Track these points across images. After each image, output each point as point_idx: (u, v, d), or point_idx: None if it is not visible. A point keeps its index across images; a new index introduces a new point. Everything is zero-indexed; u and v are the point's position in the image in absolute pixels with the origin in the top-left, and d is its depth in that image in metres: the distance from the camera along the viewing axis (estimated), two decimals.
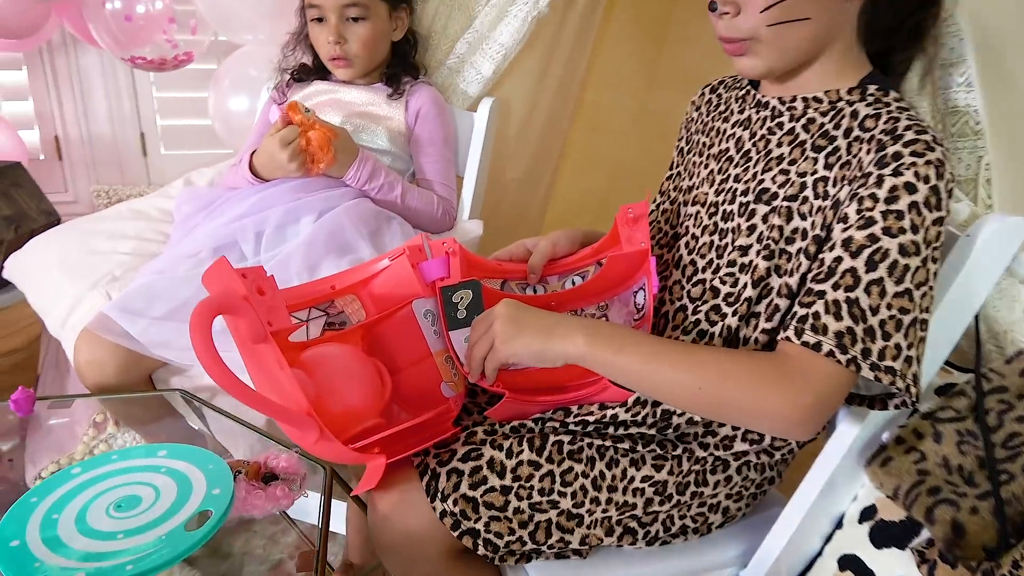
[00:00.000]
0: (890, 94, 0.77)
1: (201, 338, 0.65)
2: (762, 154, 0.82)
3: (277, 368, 0.71)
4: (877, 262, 0.68)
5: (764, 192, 0.80)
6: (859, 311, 0.68)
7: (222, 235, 1.18)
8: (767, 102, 0.84)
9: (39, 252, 1.25)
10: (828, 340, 0.68)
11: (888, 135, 0.72)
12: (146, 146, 2.17)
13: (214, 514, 0.72)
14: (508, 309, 0.78)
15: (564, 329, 0.75)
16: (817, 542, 0.85)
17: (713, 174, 0.88)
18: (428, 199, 1.31)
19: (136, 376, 1.08)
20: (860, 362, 0.67)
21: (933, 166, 0.69)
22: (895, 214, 0.68)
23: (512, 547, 0.77)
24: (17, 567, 0.66)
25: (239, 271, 0.72)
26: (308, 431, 0.70)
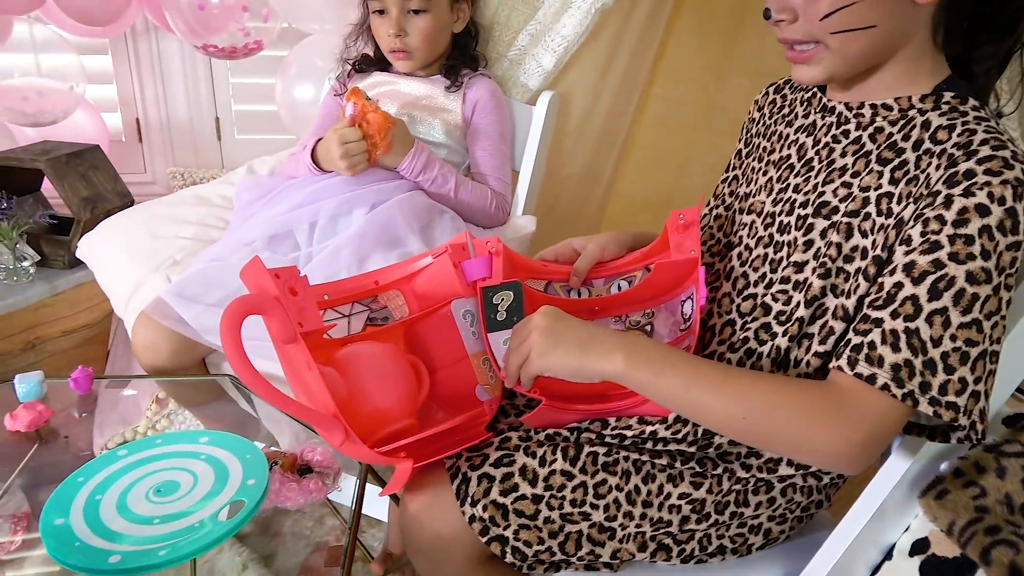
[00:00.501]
0: (968, 101, 0.71)
1: (230, 338, 0.66)
2: (824, 163, 0.78)
3: (305, 368, 0.71)
4: (942, 290, 0.63)
5: (824, 206, 0.75)
6: (919, 342, 0.63)
7: (277, 224, 1.20)
8: (833, 107, 0.79)
9: (108, 234, 1.31)
10: (883, 373, 0.63)
11: (961, 150, 0.66)
12: (220, 131, 2.24)
13: (246, 505, 0.73)
14: (547, 320, 0.74)
15: (603, 346, 0.71)
16: (863, 572, 0.80)
17: (772, 182, 0.83)
18: (482, 193, 1.30)
19: (190, 360, 1.11)
20: (918, 396, 0.63)
21: (1011, 186, 0.63)
22: (964, 238, 0.63)
23: (541, 556, 0.76)
24: (59, 544, 0.69)
25: (272, 271, 0.73)
26: (334, 433, 0.70)
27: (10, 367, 1.47)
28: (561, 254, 0.94)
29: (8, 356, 1.46)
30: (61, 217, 1.62)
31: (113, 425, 1.49)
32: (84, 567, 0.66)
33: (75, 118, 1.87)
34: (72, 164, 1.56)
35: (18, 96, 1.72)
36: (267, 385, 0.66)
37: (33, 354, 1.50)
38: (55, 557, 0.67)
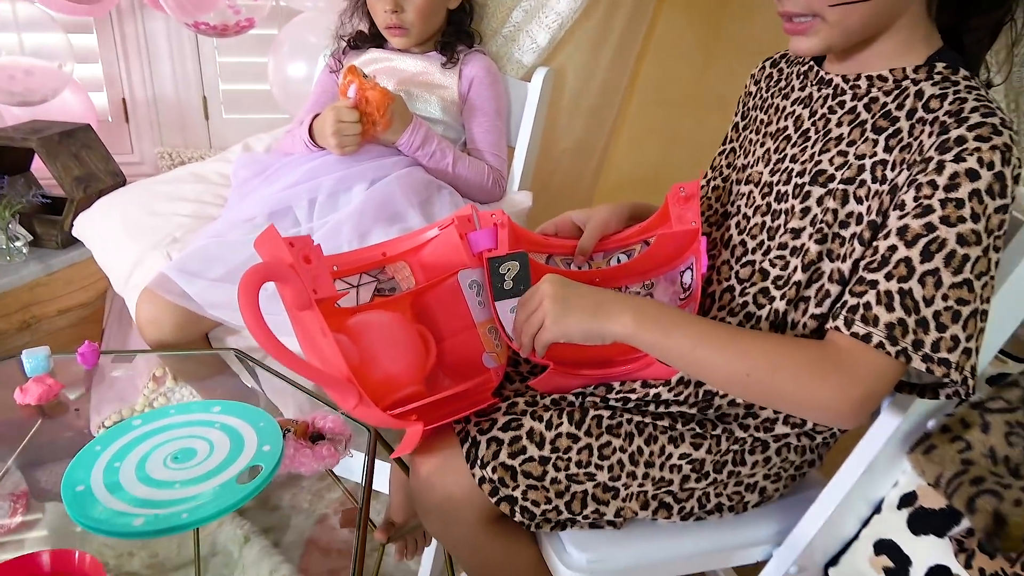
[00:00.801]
0: (959, 71, 0.73)
1: (248, 304, 0.68)
2: (821, 134, 0.80)
3: (320, 335, 0.73)
4: (933, 252, 0.66)
5: (820, 174, 0.78)
6: (912, 302, 0.66)
7: (277, 201, 1.21)
8: (830, 79, 0.81)
9: (105, 212, 1.31)
10: (878, 332, 0.67)
11: (952, 117, 0.69)
12: (208, 110, 2.22)
13: (264, 469, 0.75)
14: (555, 287, 0.76)
15: (612, 308, 0.74)
16: (854, 526, 0.84)
17: (769, 153, 0.86)
18: (479, 168, 1.31)
19: (193, 334, 1.13)
20: (911, 353, 0.66)
21: (999, 151, 0.66)
22: (955, 202, 0.66)
23: (548, 515, 0.79)
24: (81, 509, 0.70)
25: (287, 240, 0.74)
26: (348, 396, 0.72)
27: (7, 346, 1.47)
28: (561, 228, 0.96)
29: (5, 335, 1.47)
30: (52, 197, 1.62)
31: (110, 403, 1.51)
32: (110, 530, 0.68)
33: (62, 98, 1.86)
34: (64, 143, 1.56)
35: (4, 75, 1.70)
36: (284, 349, 0.68)
37: (29, 333, 1.51)
38: (80, 522, 0.69)
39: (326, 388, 0.73)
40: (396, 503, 1.11)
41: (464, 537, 0.82)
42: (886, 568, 0.80)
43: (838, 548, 0.84)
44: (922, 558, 0.78)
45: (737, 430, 0.82)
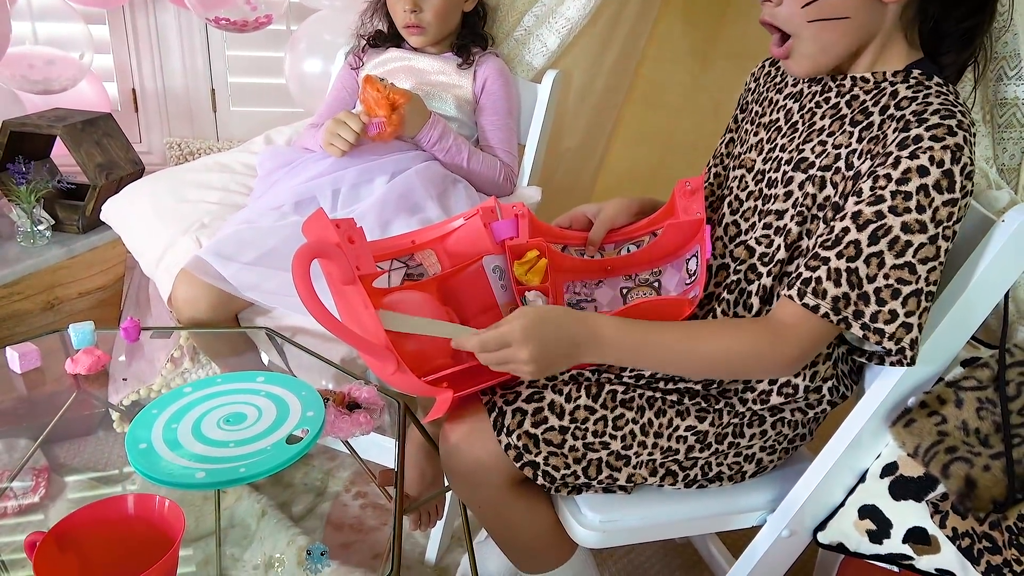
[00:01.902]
0: (933, 78, 0.82)
1: (301, 277, 0.75)
2: (806, 126, 0.89)
3: (362, 307, 0.81)
4: (880, 236, 0.76)
5: (803, 161, 0.87)
6: (856, 279, 0.76)
7: (302, 191, 1.28)
8: (820, 78, 0.90)
9: (134, 198, 1.37)
10: (825, 303, 0.78)
11: (916, 116, 0.78)
12: (216, 102, 2.28)
13: (310, 432, 0.83)
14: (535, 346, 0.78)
15: (587, 349, 0.81)
16: (840, 494, 0.93)
17: (762, 143, 0.95)
18: (492, 164, 1.39)
19: (225, 314, 1.19)
20: (851, 321, 0.77)
21: (949, 150, 0.74)
22: (903, 195, 0.75)
23: (567, 480, 0.87)
24: (146, 464, 0.77)
25: (334, 221, 0.82)
26: (387, 362, 0.80)
27: (31, 325, 1.53)
28: (575, 220, 1.04)
29: (29, 316, 1.52)
30: (73, 183, 1.67)
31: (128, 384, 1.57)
32: (174, 483, 0.75)
33: (78, 87, 1.91)
34: (87, 131, 1.61)
35: (25, 63, 1.75)
36: (332, 317, 0.76)
37: (52, 314, 1.56)
38: (147, 475, 0.76)
39: (368, 354, 0.80)
40: (412, 477, 1.18)
41: (490, 499, 0.89)
42: (869, 531, 0.89)
43: (826, 514, 0.93)
44: (902, 520, 0.86)
45: (737, 404, 0.91)
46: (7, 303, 1.47)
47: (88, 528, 0.69)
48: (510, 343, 0.78)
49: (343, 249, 0.81)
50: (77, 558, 0.66)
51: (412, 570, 1.35)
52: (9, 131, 1.58)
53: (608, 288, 1.00)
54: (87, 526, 0.70)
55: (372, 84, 1.26)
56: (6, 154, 1.59)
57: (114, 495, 0.71)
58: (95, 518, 0.70)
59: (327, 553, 0.75)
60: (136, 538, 0.70)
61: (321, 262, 0.82)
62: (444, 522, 1.34)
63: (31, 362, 1.04)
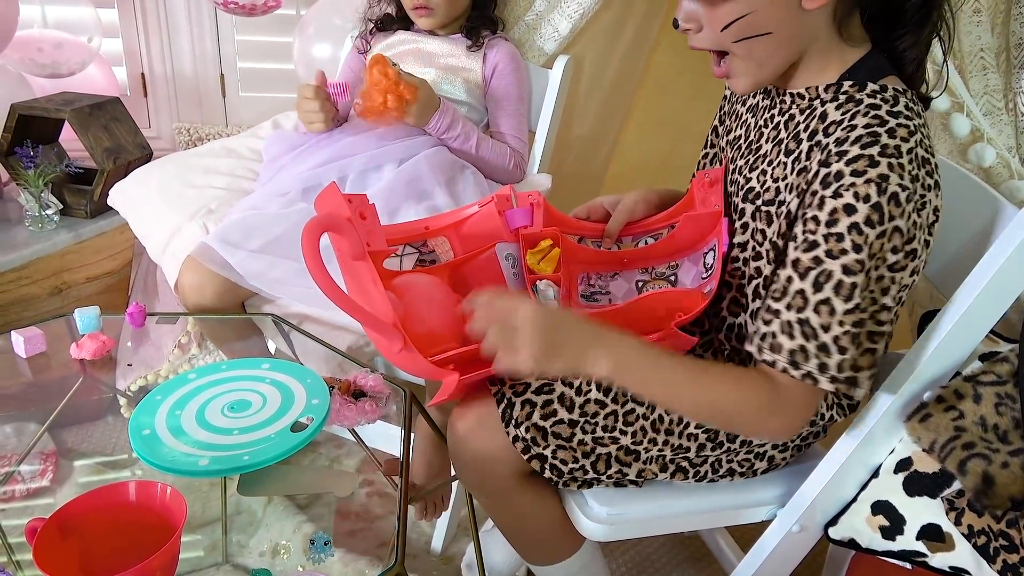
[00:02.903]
0: (867, 87, 0.76)
1: (310, 250, 0.74)
2: (753, 149, 0.86)
3: (371, 283, 0.80)
4: (823, 283, 0.72)
5: (751, 192, 0.85)
6: (810, 330, 0.73)
7: (308, 178, 1.26)
8: (770, 90, 0.87)
9: (140, 183, 1.36)
10: (781, 358, 0.74)
11: (837, 146, 0.73)
12: (225, 87, 2.26)
13: (315, 420, 0.82)
14: (544, 324, 0.74)
15: (595, 355, 0.75)
16: (852, 489, 0.91)
17: (729, 162, 0.93)
18: (501, 151, 1.37)
19: (231, 301, 1.18)
20: (817, 376, 0.74)
21: (874, 184, 0.70)
22: (835, 236, 0.72)
23: (575, 474, 0.86)
24: (150, 450, 0.77)
25: (346, 196, 0.81)
26: (393, 340, 0.78)
27: (39, 310, 1.52)
28: (592, 211, 1.02)
29: (37, 300, 1.52)
30: (81, 167, 1.66)
31: (135, 369, 1.57)
32: (178, 469, 0.74)
33: (86, 71, 1.90)
34: (95, 115, 1.60)
35: (34, 47, 1.74)
36: (340, 291, 0.75)
37: (60, 299, 1.56)
38: (150, 462, 0.75)
39: (374, 331, 0.79)
40: (418, 467, 1.17)
41: (497, 490, 0.88)
42: (882, 527, 0.87)
43: (837, 509, 0.91)
44: (915, 517, 0.85)
45: None
46: (15, 287, 1.47)
47: (89, 515, 0.69)
48: (516, 326, 0.74)
49: (354, 224, 0.80)
50: (78, 544, 0.66)
51: (417, 559, 1.34)
52: (17, 115, 1.58)
53: (623, 281, 0.98)
54: (88, 513, 0.69)
55: (383, 67, 1.24)
56: (14, 138, 1.58)
57: (118, 481, 0.70)
58: (97, 505, 0.70)
59: (331, 543, 0.74)
60: (138, 525, 0.69)
61: (331, 236, 0.81)
62: (450, 512, 1.33)
63: (36, 347, 1.04)
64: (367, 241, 0.80)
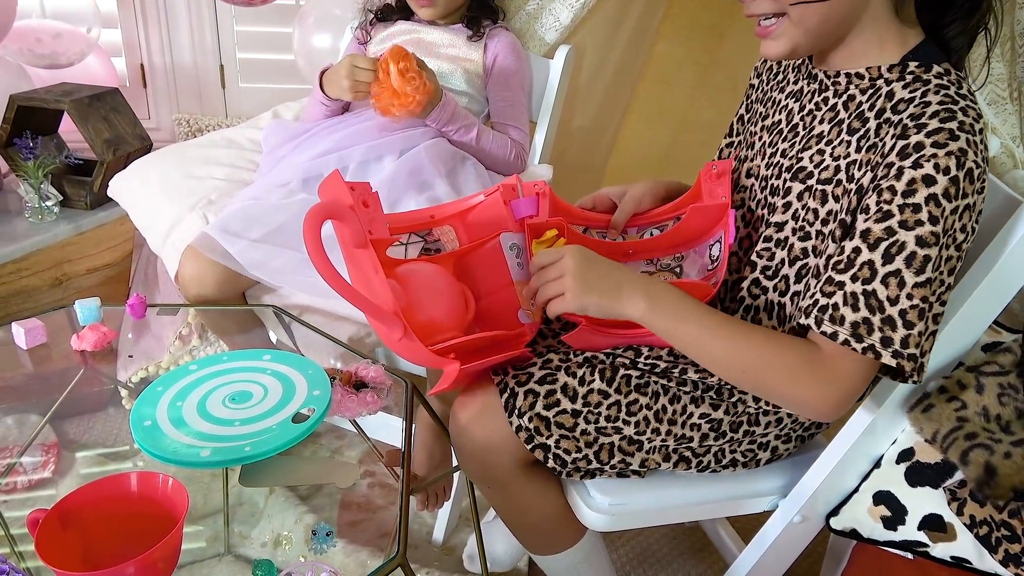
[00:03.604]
0: (933, 69, 0.77)
1: (312, 237, 0.74)
2: (807, 131, 0.85)
3: (372, 272, 0.79)
4: (894, 255, 0.71)
5: (801, 171, 0.84)
6: (876, 302, 0.72)
7: (309, 168, 1.26)
8: (816, 74, 0.86)
9: (141, 174, 1.35)
10: (844, 330, 0.72)
11: (913, 121, 0.73)
12: (225, 78, 2.25)
13: (316, 411, 0.82)
14: (579, 262, 0.79)
15: (630, 291, 0.78)
16: (854, 479, 0.91)
17: (765, 146, 0.91)
18: (502, 143, 1.37)
19: (232, 291, 1.18)
20: (880, 349, 0.72)
21: (954, 156, 0.70)
22: (912, 207, 0.71)
23: (578, 464, 0.86)
24: (152, 442, 0.76)
25: (349, 184, 0.81)
26: (394, 328, 0.78)
27: (39, 302, 1.52)
28: (598, 202, 1.02)
29: (38, 292, 1.51)
30: (81, 159, 1.66)
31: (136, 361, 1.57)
32: (179, 461, 0.74)
33: (85, 62, 1.89)
34: (94, 106, 1.60)
35: (32, 37, 1.74)
36: (340, 278, 0.74)
37: (60, 290, 1.55)
38: (151, 453, 0.75)
39: (376, 319, 0.79)
40: (419, 458, 1.17)
41: (499, 480, 0.88)
42: (883, 517, 0.88)
43: (839, 500, 0.92)
44: (917, 507, 0.85)
45: (751, 400, 0.88)
46: (15, 279, 1.47)
47: (91, 506, 0.69)
48: (562, 255, 0.79)
49: (357, 212, 0.80)
50: (80, 535, 0.66)
51: (419, 549, 1.34)
52: (16, 106, 1.57)
53: None
54: (90, 504, 0.69)
55: (409, 62, 1.20)
56: (13, 129, 1.58)
57: (120, 472, 0.70)
58: (98, 496, 0.70)
59: (333, 533, 0.74)
60: (140, 516, 0.69)
61: (334, 224, 0.81)
62: (452, 502, 1.33)
63: (37, 338, 1.03)
64: (369, 229, 0.80)
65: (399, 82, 1.19)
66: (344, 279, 0.76)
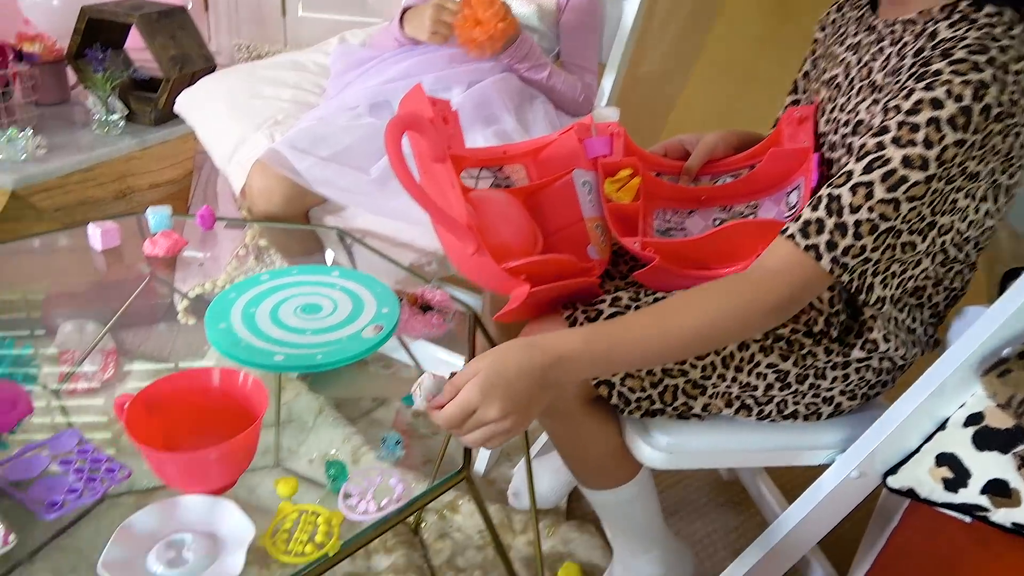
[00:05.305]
0: (984, 8, 0.72)
1: (393, 145, 0.74)
2: (865, 82, 0.82)
3: (449, 186, 0.79)
4: (874, 167, 0.68)
5: (859, 125, 0.81)
6: (837, 206, 0.69)
7: (376, 93, 1.25)
8: (875, 25, 0.83)
9: (209, 91, 1.36)
10: (794, 225, 0.70)
11: (939, 50, 0.69)
12: (285, 5, 2.24)
13: (385, 327, 0.82)
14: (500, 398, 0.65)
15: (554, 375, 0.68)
16: (916, 440, 0.89)
17: (824, 103, 0.88)
18: (572, 83, 1.34)
19: (297, 209, 1.19)
20: (822, 251, 0.70)
21: (972, 86, 0.66)
22: (910, 126, 0.67)
23: (641, 403, 0.85)
24: (227, 343, 0.78)
25: (430, 99, 0.80)
26: (467, 243, 0.78)
27: (104, 214, 1.55)
28: (670, 150, 1.00)
29: (103, 203, 1.54)
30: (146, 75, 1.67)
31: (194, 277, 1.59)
32: (253, 363, 0.76)
33: None
34: (162, 23, 1.60)
35: None
36: (418, 187, 0.74)
37: (124, 203, 1.58)
38: (226, 354, 0.77)
39: (450, 232, 0.78)
40: None
41: (561, 413, 0.88)
42: (945, 479, 0.86)
43: (899, 459, 0.90)
44: (982, 471, 0.83)
45: (821, 353, 0.87)
46: (82, 188, 1.49)
47: (173, 395, 0.71)
48: (474, 407, 0.65)
49: (435, 125, 0.79)
50: (162, 422, 0.68)
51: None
52: (87, 18, 1.58)
53: (700, 218, 0.96)
54: (172, 393, 0.71)
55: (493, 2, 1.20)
56: (83, 41, 1.59)
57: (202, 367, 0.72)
58: (180, 386, 0.71)
59: (402, 441, 0.75)
60: (218, 411, 0.71)
61: (412, 137, 0.80)
62: None
63: (111, 240, 1.05)
64: (448, 144, 0.80)
65: (482, 10, 1.18)
66: (422, 189, 0.76)
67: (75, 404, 1.25)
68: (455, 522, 1.27)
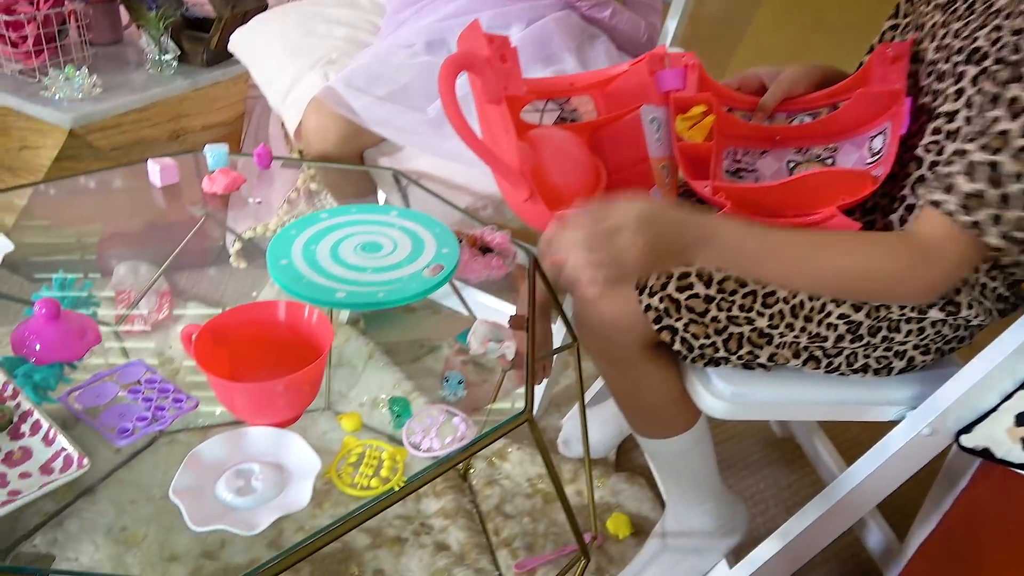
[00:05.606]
0: None
1: (446, 86, 0.71)
2: (985, 6, 0.76)
3: (503, 130, 0.76)
4: None
5: (975, 52, 0.74)
6: (997, 175, 0.64)
7: (433, 31, 1.22)
8: None
9: (262, 30, 1.34)
10: (952, 200, 0.65)
11: None
12: None
13: (445, 267, 0.81)
14: (648, 234, 0.64)
15: (697, 253, 0.67)
16: (994, 399, 0.86)
17: (936, 27, 0.82)
18: (635, 23, 1.29)
19: (353, 149, 1.17)
20: (985, 227, 0.65)
21: None
22: None
23: (704, 350, 0.83)
24: (289, 278, 0.77)
25: (488, 36, 0.77)
26: (521, 189, 0.76)
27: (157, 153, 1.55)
28: (745, 84, 0.94)
29: (157, 143, 1.54)
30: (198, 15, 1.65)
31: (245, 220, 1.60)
32: (315, 299, 0.75)
33: None
34: None
35: None
36: (471, 131, 0.72)
37: (177, 144, 1.58)
38: (289, 290, 0.76)
39: (503, 177, 0.76)
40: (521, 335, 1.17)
41: (620, 358, 0.86)
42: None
43: (974, 417, 0.87)
44: None
45: (896, 307, 0.83)
46: (137, 128, 1.49)
47: (239, 328, 0.70)
48: (617, 228, 0.64)
49: (492, 64, 0.76)
50: (228, 353, 0.67)
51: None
52: None
53: (773, 159, 0.92)
54: (238, 326, 0.70)
55: None
56: None
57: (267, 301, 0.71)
58: (246, 319, 0.71)
59: (464, 381, 0.74)
60: (282, 344, 0.70)
61: (469, 76, 0.78)
62: (545, 386, 1.34)
63: (171, 176, 1.05)
64: (504, 85, 0.76)
65: None
66: (474, 132, 0.73)
67: (130, 346, 1.27)
68: (504, 469, 1.27)
